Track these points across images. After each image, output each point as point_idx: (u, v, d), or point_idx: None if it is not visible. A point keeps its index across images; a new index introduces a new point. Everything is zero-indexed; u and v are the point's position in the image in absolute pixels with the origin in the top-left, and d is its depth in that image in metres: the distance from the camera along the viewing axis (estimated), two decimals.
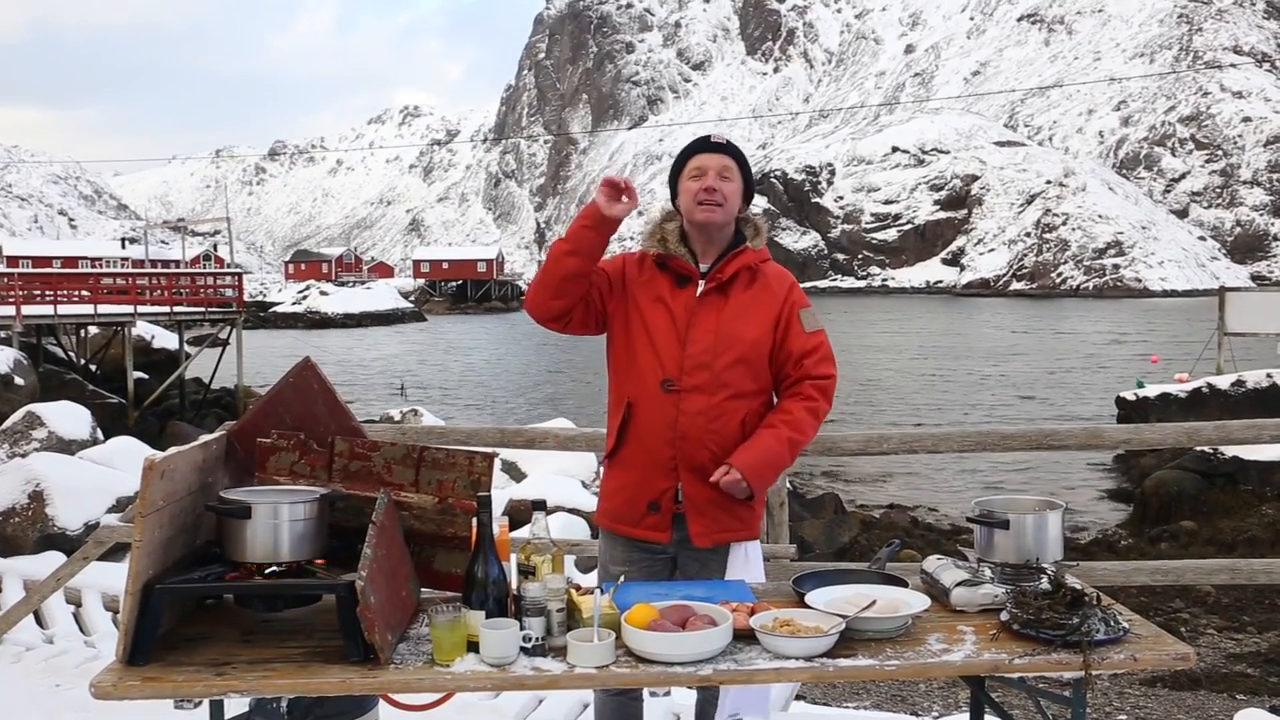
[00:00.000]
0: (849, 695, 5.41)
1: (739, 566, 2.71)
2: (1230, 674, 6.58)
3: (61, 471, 8.33)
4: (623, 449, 2.73)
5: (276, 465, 2.48)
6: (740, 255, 2.73)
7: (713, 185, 2.68)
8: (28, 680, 4.63)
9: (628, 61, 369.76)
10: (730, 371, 2.66)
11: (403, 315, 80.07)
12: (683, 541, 2.71)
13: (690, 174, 2.74)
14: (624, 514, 2.74)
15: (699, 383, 2.65)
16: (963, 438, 4.27)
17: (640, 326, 2.71)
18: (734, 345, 2.67)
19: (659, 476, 2.68)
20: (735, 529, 2.72)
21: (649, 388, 2.67)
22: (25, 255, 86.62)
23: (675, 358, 2.66)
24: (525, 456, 10.94)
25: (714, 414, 2.65)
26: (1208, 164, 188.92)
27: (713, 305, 2.69)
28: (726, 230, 2.76)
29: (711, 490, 2.64)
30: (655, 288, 2.74)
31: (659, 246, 2.76)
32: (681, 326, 2.68)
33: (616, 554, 2.79)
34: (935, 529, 13.25)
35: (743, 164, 2.78)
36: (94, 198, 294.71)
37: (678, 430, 2.64)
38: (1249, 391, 16.27)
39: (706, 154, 2.74)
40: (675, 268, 2.73)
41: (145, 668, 2.01)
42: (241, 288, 30.78)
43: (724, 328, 2.67)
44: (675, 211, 2.82)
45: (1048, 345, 49.63)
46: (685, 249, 2.75)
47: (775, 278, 2.79)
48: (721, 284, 2.70)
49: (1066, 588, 2.19)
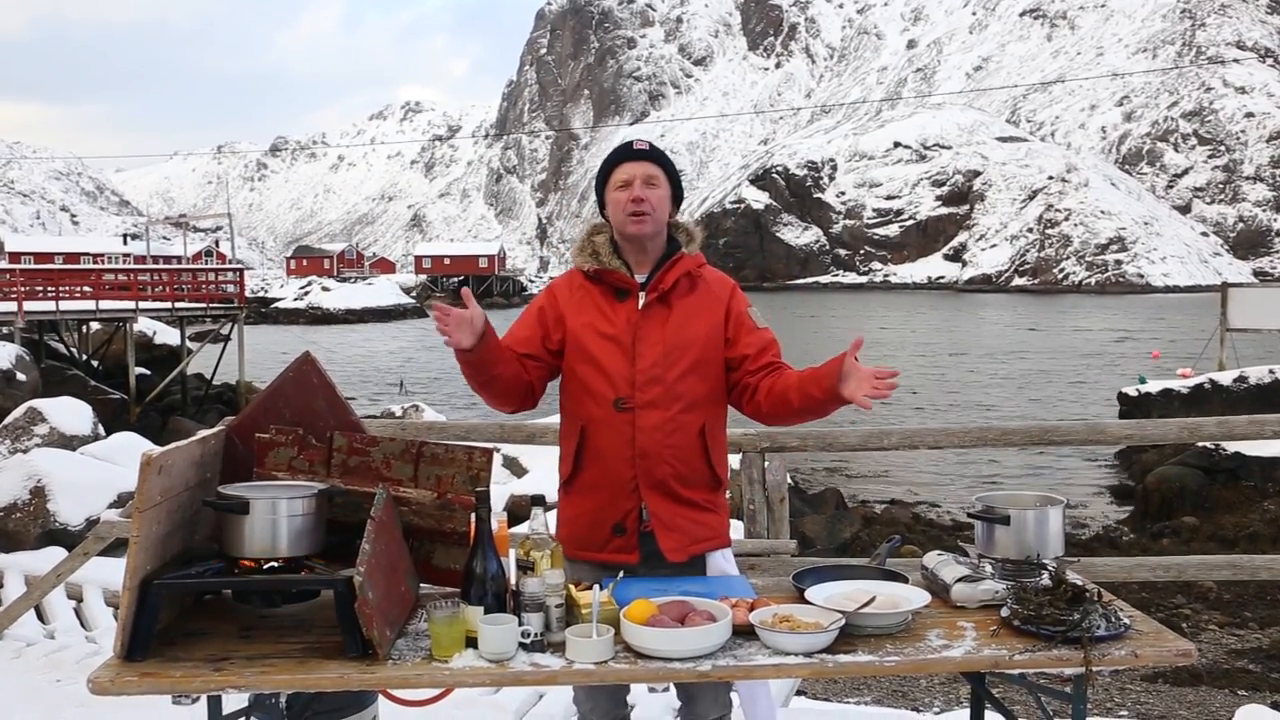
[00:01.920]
0: (850, 691, 5.41)
1: (719, 569, 2.65)
2: (1232, 670, 6.58)
3: (63, 467, 8.33)
4: (580, 474, 2.66)
5: (275, 460, 2.48)
6: (678, 262, 2.65)
7: (640, 195, 2.60)
8: (29, 675, 4.64)
9: (629, 57, 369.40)
10: (683, 383, 2.59)
11: (404, 311, 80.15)
12: (651, 559, 2.62)
13: (616, 184, 2.66)
14: (587, 540, 2.66)
15: (652, 397, 2.57)
16: (964, 433, 4.26)
17: (585, 349, 2.63)
18: (684, 355, 2.60)
19: (621, 498, 2.60)
20: (707, 538, 2.65)
21: (602, 409, 2.59)
22: (27, 251, 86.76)
23: (625, 375, 2.58)
24: (526, 452, 10.95)
25: (670, 428, 2.58)
26: (1210, 159, 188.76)
27: (657, 317, 2.62)
28: (659, 239, 2.67)
29: (676, 505, 2.59)
30: (593, 304, 2.66)
31: (592, 261, 2.67)
32: (627, 342, 2.60)
33: (583, 574, 2.66)
34: (936, 525, 13.25)
35: (668, 169, 2.70)
36: (96, 194, 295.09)
37: (636, 448, 2.57)
38: (1251, 387, 16.25)
39: (631, 162, 2.65)
40: (612, 281, 2.65)
41: (143, 663, 2.01)
42: (243, 284, 30.79)
43: (672, 338, 2.60)
44: (605, 222, 2.74)
45: (1049, 341, 49.62)
46: (619, 260, 2.66)
47: (715, 282, 2.72)
48: (663, 294, 2.62)
49: (1067, 584, 2.18)
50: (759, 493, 4.09)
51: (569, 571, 2.72)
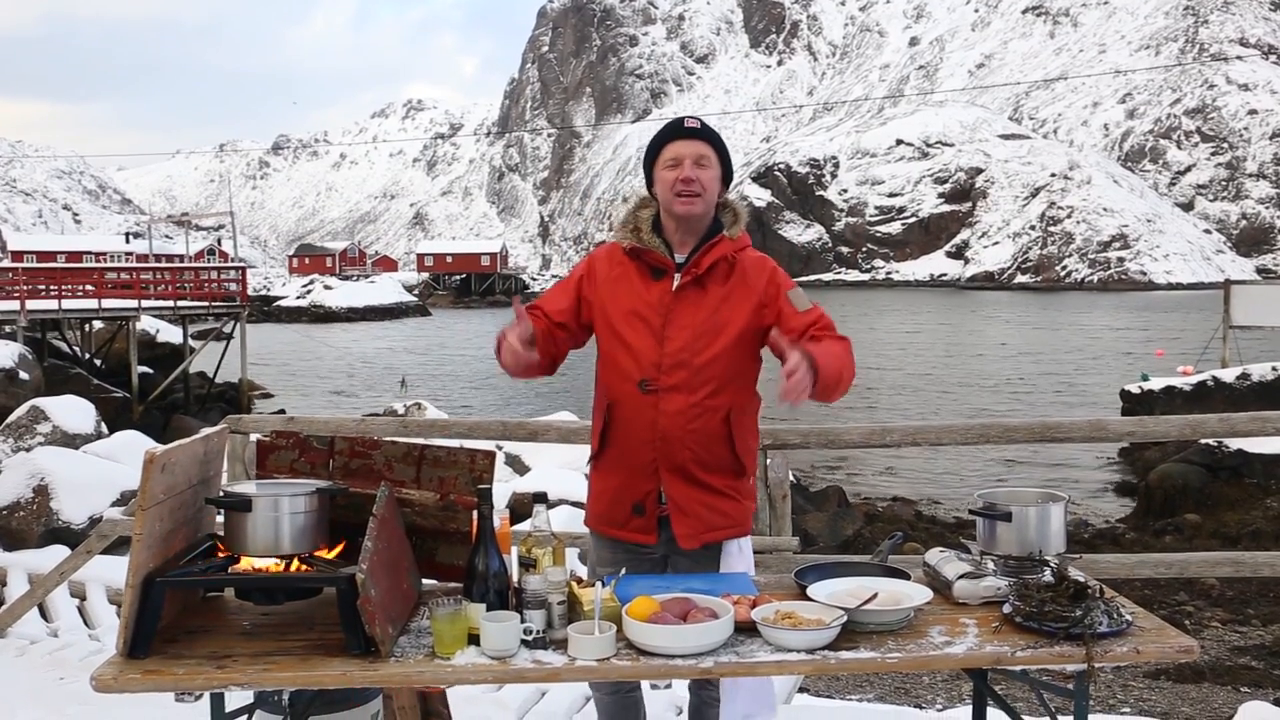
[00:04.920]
0: (852, 688, 5.41)
1: (732, 563, 2.65)
2: (1234, 667, 6.57)
3: (66, 466, 8.34)
4: (606, 451, 2.66)
5: (276, 463, 2.48)
6: (717, 245, 2.61)
7: (690, 175, 2.55)
8: (32, 673, 4.64)
9: (631, 55, 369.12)
10: (710, 369, 2.55)
11: (407, 309, 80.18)
12: (670, 542, 2.63)
13: (665, 163, 2.60)
14: (609, 516, 2.68)
15: (677, 382, 2.54)
16: (966, 430, 4.26)
17: (614, 327, 2.61)
18: (713, 341, 2.56)
19: (641, 479, 2.60)
20: (723, 527, 2.63)
21: (628, 389, 2.58)
22: (30, 250, 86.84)
23: (652, 357, 2.55)
24: (529, 449, 10.95)
25: (694, 414, 2.55)
26: (1213, 157, 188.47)
27: (689, 300, 2.58)
28: (705, 219, 2.63)
29: (694, 490, 2.58)
30: (628, 282, 2.63)
31: (632, 238, 2.64)
32: (657, 323, 2.57)
33: (604, 555, 2.72)
34: (939, 522, 13.24)
35: (719, 148, 2.64)
36: (98, 192, 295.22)
37: (657, 431, 2.55)
38: (1254, 384, 16.23)
39: (681, 141, 2.60)
40: (649, 260, 2.61)
41: (146, 660, 2.01)
42: (245, 282, 30.82)
43: (702, 323, 2.56)
44: (651, 198, 2.70)
45: (1052, 339, 49.57)
46: (659, 239, 2.63)
47: (753, 266, 2.65)
48: (698, 277, 2.58)
49: (1069, 580, 2.18)
50: (761, 490, 4.09)
51: (591, 551, 2.75)
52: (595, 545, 2.76)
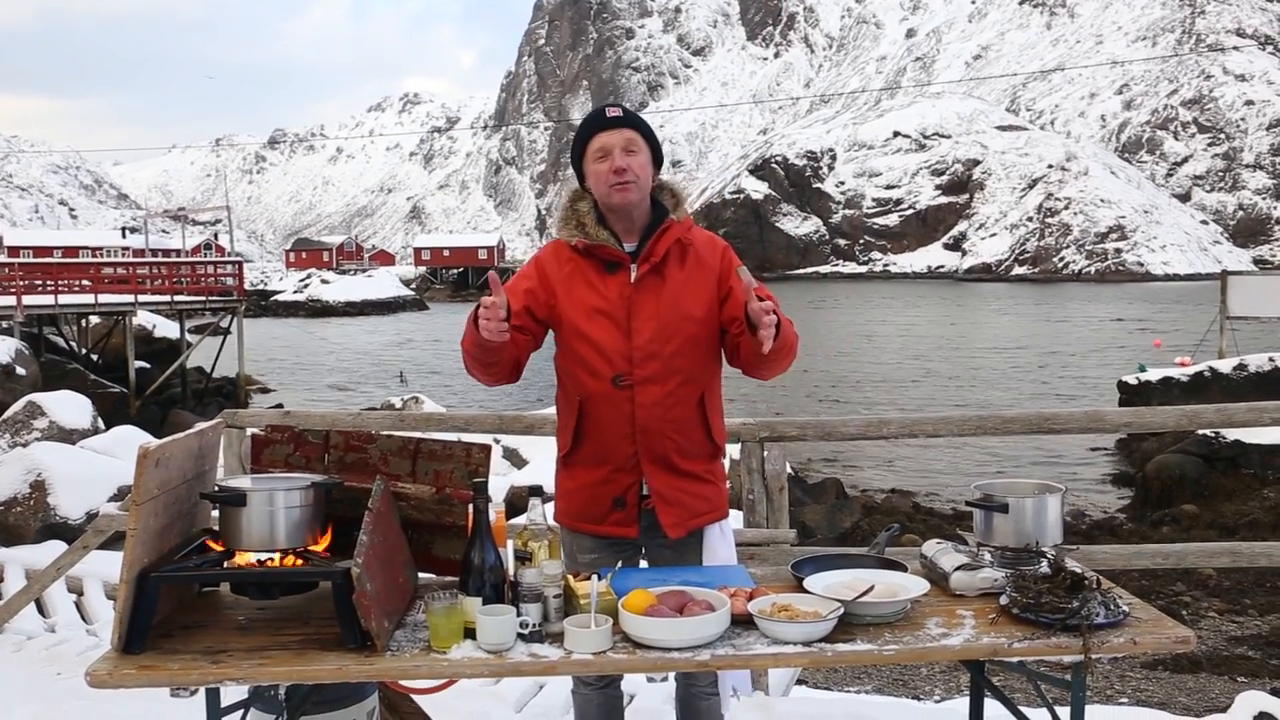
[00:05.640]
0: (850, 680, 5.42)
1: (715, 546, 2.65)
2: (1231, 657, 6.58)
3: (63, 461, 8.33)
4: (580, 449, 2.63)
5: (270, 457, 2.48)
6: (668, 231, 2.58)
7: (621, 164, 2.52)
8: (29, 668, 4.64)
9: (628, 47, 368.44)
10: (680, 356, 2.55)
11: (404, 303, 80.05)
12: (650, 531, 2.62)
13: (594, 155, 2.57)
14: (586, 512, 2.65)
15: (650, 373, 2.54)
16: (963, 422, 4.25)
17: (578, 326, 2.57)
18: (681, 328, 2.55)
19: (622, 473, 2.59)
20: (705, 512, 2.64)
21: (601, 386, 2.56)
22: (26, 245, 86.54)
23: (622, 352, 2.54)
24: (526, 443, 10.95)
25: (670, 403, 2.55)
26: (1210, 148, 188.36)
27: (650, 290, 2.56)
28: (644, 205, 2.60)
29: (676, 479, 2.58)
30: (583, 279, 2.59)
31: (578, 234, 2.60)
32: (621, 317, 2.54)
33: (583, 544, 2.69)
34: (936, 513, 13.25)
35: (645, 132, 2.61)
36: (94, 187, 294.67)
37: (636, 425, 2.55)
38: (1251, 375, 16.25)
39: (606, 131, 2.57)
40: (602, 255, 2.58)
41: (141, 656, 2.01)
42: (242, 276, 30.80)
43: (667, 312, 2.55)
44: (584, 191, 2.66)
45: (1049, 330, 49.59)
46: (606, 231, 2.59)
47: (705, 245, 2.64)
48: (656, 265, 2.56)
49: (1066, 571, 2.18)
50: (758, 482, 4.08)
51: (568, 543, 2.71)
52: (570, 538, 2.72)
